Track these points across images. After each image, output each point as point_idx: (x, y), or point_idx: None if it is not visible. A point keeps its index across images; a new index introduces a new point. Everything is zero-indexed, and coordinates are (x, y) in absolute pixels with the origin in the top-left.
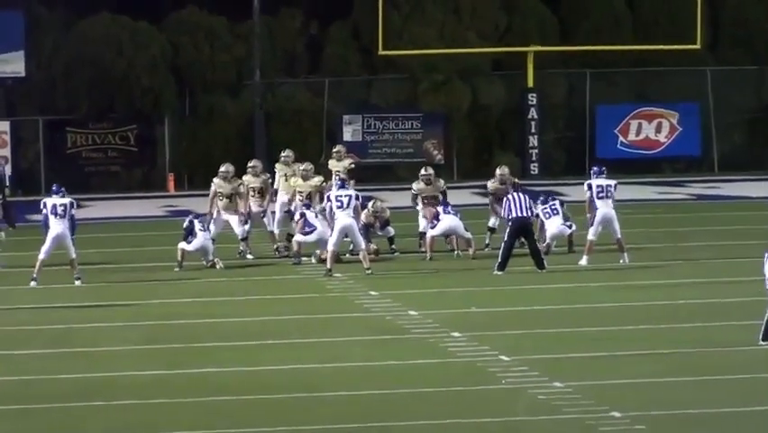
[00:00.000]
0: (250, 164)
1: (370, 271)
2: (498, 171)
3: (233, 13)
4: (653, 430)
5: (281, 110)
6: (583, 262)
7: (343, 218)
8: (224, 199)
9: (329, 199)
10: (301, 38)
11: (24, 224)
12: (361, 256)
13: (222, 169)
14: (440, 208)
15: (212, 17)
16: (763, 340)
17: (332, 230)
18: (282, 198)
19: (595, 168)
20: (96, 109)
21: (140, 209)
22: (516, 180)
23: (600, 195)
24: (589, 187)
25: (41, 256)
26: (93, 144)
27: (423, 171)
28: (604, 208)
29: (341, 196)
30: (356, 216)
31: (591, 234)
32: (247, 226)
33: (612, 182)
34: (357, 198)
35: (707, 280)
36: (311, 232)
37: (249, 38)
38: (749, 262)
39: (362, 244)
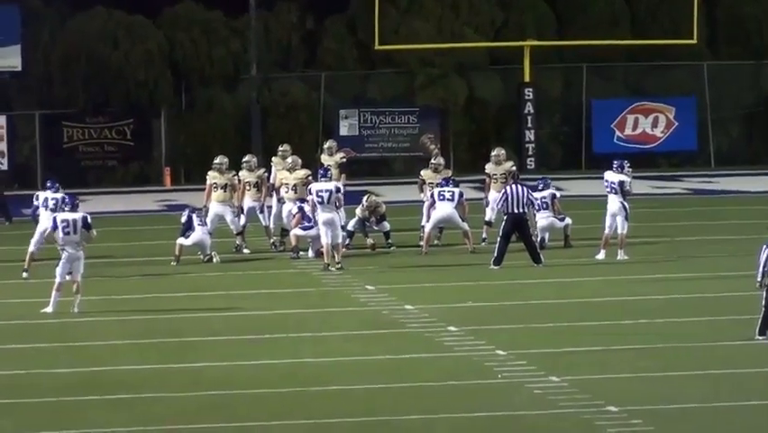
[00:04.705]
0: (244, 159)
1: (328, 266)
2: (493, 153)
3: (229, 8)
4: (649, 424)
5: (278, 104)
6: (600, 256)
7: (325, 213)
8: (219, 190)
9: (310, 193)
10: (297, 32)
11: (21, 218)
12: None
13: (216, 161)
14: (436, 191)
15: (208, 11)
16: (759, 334)
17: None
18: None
19: (616, 161)
20: (92, 103)
21: (136, 204)
22: (516, 171)
23: (608, 190)
24: (605, 180)
25: (31, 249)
26: (89, 139)
27: (433, 160)
28: (610, 203)
29: (321, 191)
30: (338, 208)
31: (607, 228)
32: (243, 221)
33: (626, 179)
34: (338, 190)
35: (703, 274)
36: (311, 226)
37: (245, 32)
38: (745, 257)
39: (339, 239)
